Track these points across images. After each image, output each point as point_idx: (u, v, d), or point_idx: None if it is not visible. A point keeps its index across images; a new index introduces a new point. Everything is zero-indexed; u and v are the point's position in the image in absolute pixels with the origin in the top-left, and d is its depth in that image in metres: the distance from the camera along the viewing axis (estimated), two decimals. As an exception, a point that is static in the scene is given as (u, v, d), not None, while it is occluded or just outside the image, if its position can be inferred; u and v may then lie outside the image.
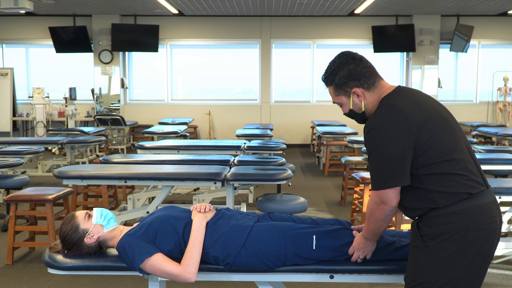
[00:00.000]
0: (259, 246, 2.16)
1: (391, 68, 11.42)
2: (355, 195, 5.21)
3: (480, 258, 1.86)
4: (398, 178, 1.86)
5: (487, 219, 1.85)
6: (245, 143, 5.63)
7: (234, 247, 2.16)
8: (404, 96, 1.95)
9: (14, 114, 11.08)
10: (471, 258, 1.84)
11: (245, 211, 2.44)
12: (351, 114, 2.09)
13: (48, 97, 10.57)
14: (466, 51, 10.93)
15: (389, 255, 2.19)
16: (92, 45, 10.93)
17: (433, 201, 1.87)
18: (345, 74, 1.99)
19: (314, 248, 2.16)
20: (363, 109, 2.03)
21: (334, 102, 2.11)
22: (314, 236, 2.17)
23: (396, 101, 1.92)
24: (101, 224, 2.28)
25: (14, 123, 11.09)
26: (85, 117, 11.21)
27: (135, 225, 2.30)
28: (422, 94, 2.02)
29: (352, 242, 2.17)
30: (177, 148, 5.38)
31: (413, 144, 1.84)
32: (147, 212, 3.86)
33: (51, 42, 10.85)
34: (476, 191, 1.86)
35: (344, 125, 9.03)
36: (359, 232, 2.19)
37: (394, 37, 10.77)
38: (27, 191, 4.05)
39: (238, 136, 6.96)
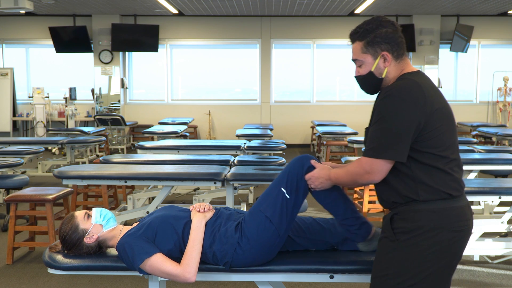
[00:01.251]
0: (250, 236, 2.15)
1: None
2: (355, 195, 5.21)
3: (448, 258, 1.88)
4: (399, 151, 1.84)
5: (461, 221, 1.89)
6: (245, 143, 5.62)
7: (229, 245, 2.17)
8: (425, 79, 1.95)
9: (14, 114, 11.08)
10: (440, 257, 1.85)
11: (245, 210, 2.43)
12: (366, 77, 2.02)
13: (48, 97, 10.56)
14: (466, 51, 10.93)
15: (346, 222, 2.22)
16: (92, 45, 10.92)
17: (415, 191, 1.87)
18: (382, 34, 1.96)
19: (288, 197, 2.16)
20: (383, 75, 1.98)
21: (353, 60, 2.06)
22: (282, 189, 2.17)
23: (418, 79, 1.91)
24: (100, 223, 2.28)
25: (14, 123, 11.09)
26: (85, 117, 11.21)
27: (135, 225, 2.30)
28: (438, 88, 2.03)
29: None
30: (177, 148, 5.38)
31: (422, 125, 1.84)
32: (147, 212, 3.86)
33: (51, 42, 10.84)
34: (456, 193, 1.89)
35: (344, 125, 9.02)
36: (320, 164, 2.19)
37: (394, 37, 10.76)
38: (27, 191, 4.05)
39: (238, 136, 6.96)
